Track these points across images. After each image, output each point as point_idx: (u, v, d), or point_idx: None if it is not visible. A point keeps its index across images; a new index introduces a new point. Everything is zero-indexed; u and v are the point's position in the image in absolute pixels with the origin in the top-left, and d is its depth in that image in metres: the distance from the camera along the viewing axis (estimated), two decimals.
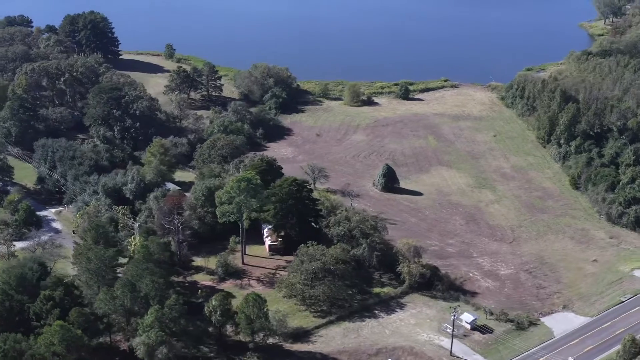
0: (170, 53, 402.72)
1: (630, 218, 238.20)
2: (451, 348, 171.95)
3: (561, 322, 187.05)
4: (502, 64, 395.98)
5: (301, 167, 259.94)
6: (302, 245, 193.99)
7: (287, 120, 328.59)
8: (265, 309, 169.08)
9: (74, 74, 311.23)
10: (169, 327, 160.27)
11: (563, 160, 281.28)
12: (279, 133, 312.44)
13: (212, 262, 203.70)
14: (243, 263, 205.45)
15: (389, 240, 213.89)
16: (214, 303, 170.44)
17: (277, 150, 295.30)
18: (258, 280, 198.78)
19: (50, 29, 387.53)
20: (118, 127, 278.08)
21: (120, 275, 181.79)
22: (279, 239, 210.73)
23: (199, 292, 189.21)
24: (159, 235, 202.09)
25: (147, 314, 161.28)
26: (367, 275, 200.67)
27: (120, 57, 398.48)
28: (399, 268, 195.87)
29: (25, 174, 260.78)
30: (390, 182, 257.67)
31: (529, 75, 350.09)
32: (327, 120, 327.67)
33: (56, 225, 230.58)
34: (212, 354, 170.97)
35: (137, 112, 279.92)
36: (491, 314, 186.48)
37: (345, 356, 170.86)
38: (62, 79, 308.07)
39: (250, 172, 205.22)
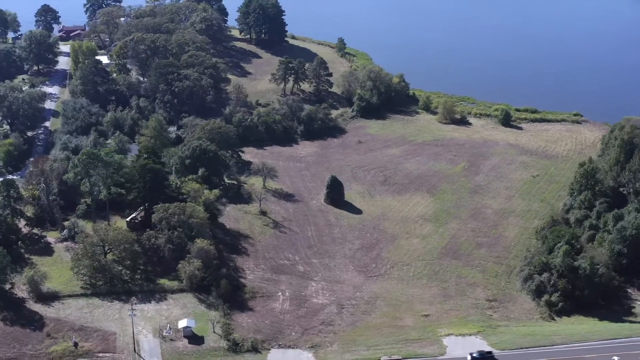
0: (341, 46, 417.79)
1: (532, 285, 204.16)
2: (134, 345, 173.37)
3: (287, 359, 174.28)
4: None
5: (255, 163, 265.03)
6: (97, 222, 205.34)
7: (355, 124, 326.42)
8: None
9: (169, 49, 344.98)
10: None
11: (566, 213, 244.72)
12: (325, 134, 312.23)
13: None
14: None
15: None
16: None
17: (299, 148, 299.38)
18: None
19: (219, 8, 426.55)
20: (158, 101, 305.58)
21: None
22: (140, 217, 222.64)
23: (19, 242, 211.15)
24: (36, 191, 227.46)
25: None
26: (172, 267, 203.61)
27: (286, 41, 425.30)
28: (179, 265, 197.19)
29: None
30: (334, 195, 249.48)
31: (633, 119, 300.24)
32: (391, 131, 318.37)
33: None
34: None
35: (176, 89, 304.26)
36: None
37: (53, 323, 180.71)
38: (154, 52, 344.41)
39: (109, 149, 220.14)
